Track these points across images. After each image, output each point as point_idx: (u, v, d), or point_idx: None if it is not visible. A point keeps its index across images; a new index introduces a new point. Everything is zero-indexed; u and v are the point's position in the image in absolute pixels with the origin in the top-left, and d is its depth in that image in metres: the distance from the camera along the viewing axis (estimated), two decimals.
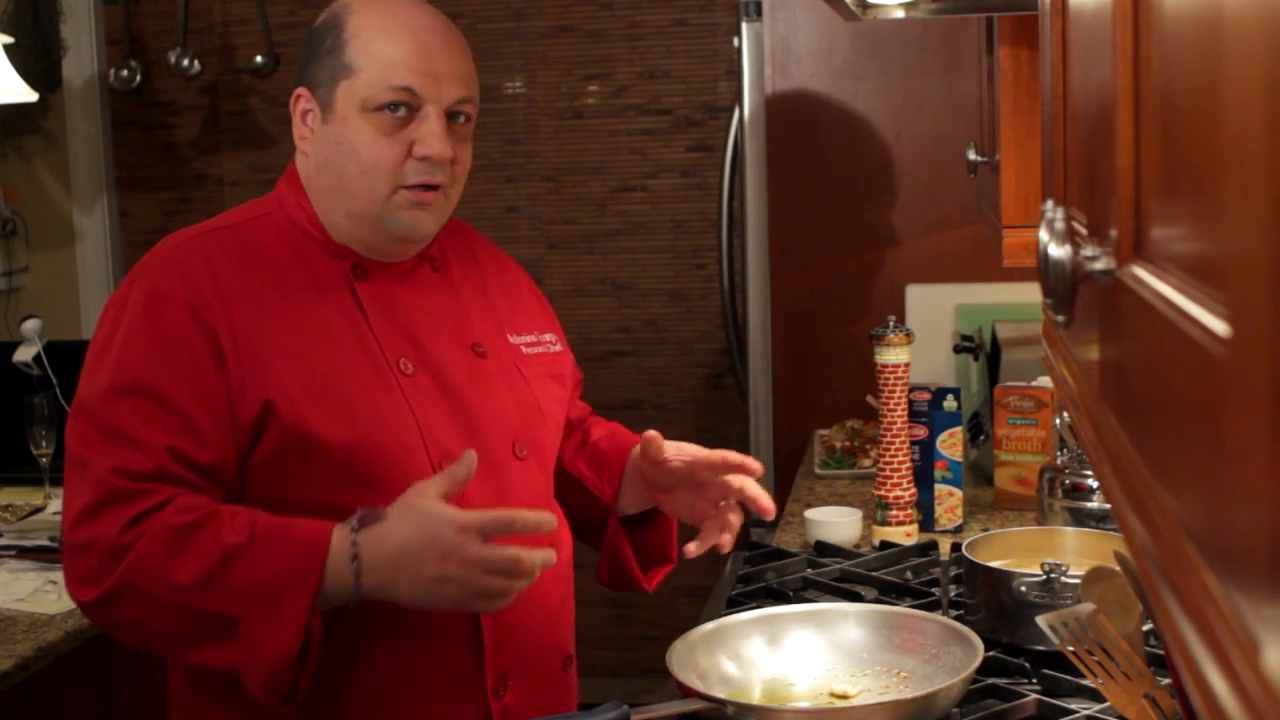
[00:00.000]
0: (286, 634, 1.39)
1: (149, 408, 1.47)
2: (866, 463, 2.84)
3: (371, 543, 1.41)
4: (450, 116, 1.57)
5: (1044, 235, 0.91)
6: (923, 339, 2.94)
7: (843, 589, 2.07)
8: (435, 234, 1.63)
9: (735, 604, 2.00)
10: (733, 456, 1.65)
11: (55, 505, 2.78)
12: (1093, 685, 1.38)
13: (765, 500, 1.65)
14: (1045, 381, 2.49)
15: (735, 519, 1.66)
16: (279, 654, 1.39)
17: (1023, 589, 1.77)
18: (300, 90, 1.59)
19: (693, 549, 1.62)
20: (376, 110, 1.53)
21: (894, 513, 2.34)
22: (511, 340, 1.70)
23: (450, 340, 1.62)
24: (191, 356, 1.49)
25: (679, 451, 1.67)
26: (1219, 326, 0.54)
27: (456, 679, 1.54)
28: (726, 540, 1.65)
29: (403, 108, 1.53)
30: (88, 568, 1.44)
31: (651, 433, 1.66)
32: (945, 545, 2.26)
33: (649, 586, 1.79)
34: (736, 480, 1.64)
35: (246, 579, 1.40)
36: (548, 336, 1.75)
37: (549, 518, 1.45)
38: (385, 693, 1.52)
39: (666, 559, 1.79)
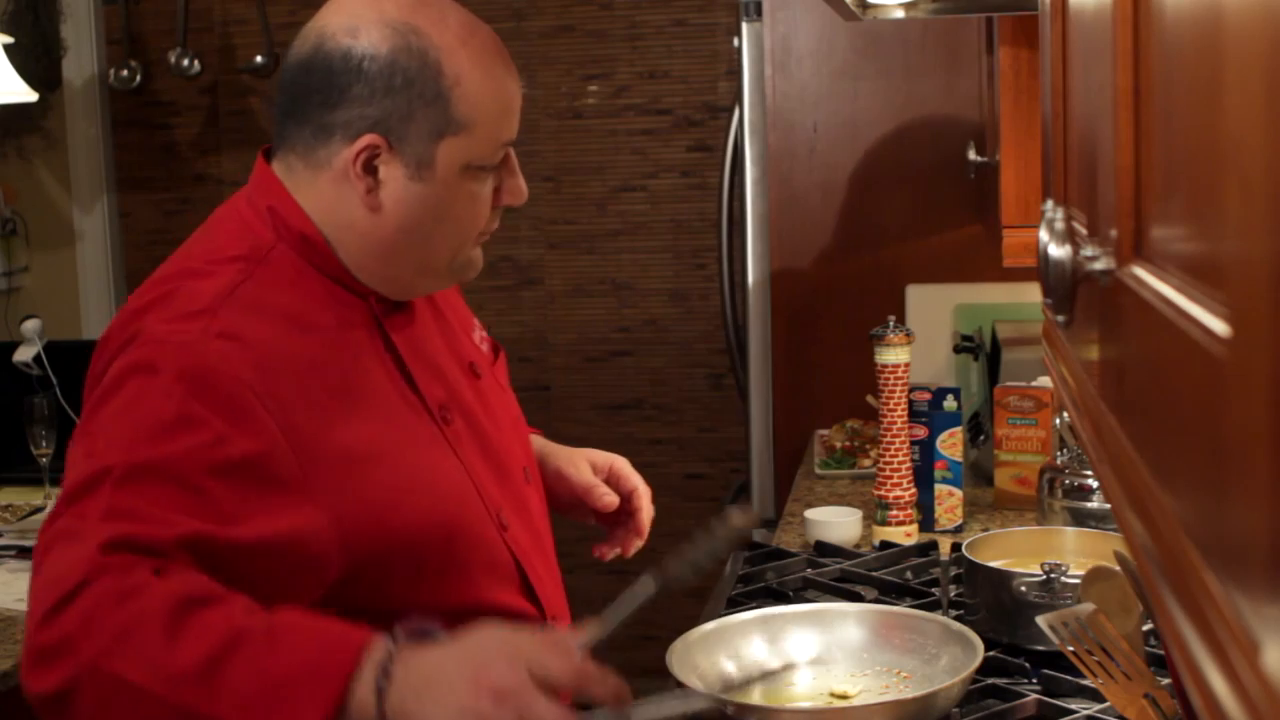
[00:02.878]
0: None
1: (169, 493, 1.20)
2: (866, 463, 2.84)
3: (410, 661, 1.14)
4: None
5: (1044, 235, 0.91)
6: (923, 339, 2.94)
7: (843, 589, 2.07)
8: None
9: (735, 604, 2.00)
10: (630, 497, 1.67)
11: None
12: (1093, 685, 1.38)
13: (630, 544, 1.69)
14: (1045, 381, 2.49)
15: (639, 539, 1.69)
16: None
17: (1023, 589, 1.77)
18: (372, 138, 1.32)
19: (606, 550, 1.67)
20: (479, 167, 1.36)
21: (894, 513, 2.34)
22: (475, 341, 1.59)
23: (455, 366, 1.49)
24: (254, 445, 1.25)
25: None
26: (1219, 326, 0.54)
27: None
28: (635, 545, 1.69)
29: (498, 165, 1.38)
30: (53, 642, 1.11)
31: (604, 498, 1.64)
32: (945, 545, 2.26)
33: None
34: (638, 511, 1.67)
35: (253, 674, 1.10)
36: (476, 323, 1.64)
37: (625, 696, 1.20)
38: None
39: None
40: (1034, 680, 1.70)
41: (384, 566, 1.31)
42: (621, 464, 1.68)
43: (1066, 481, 2.26)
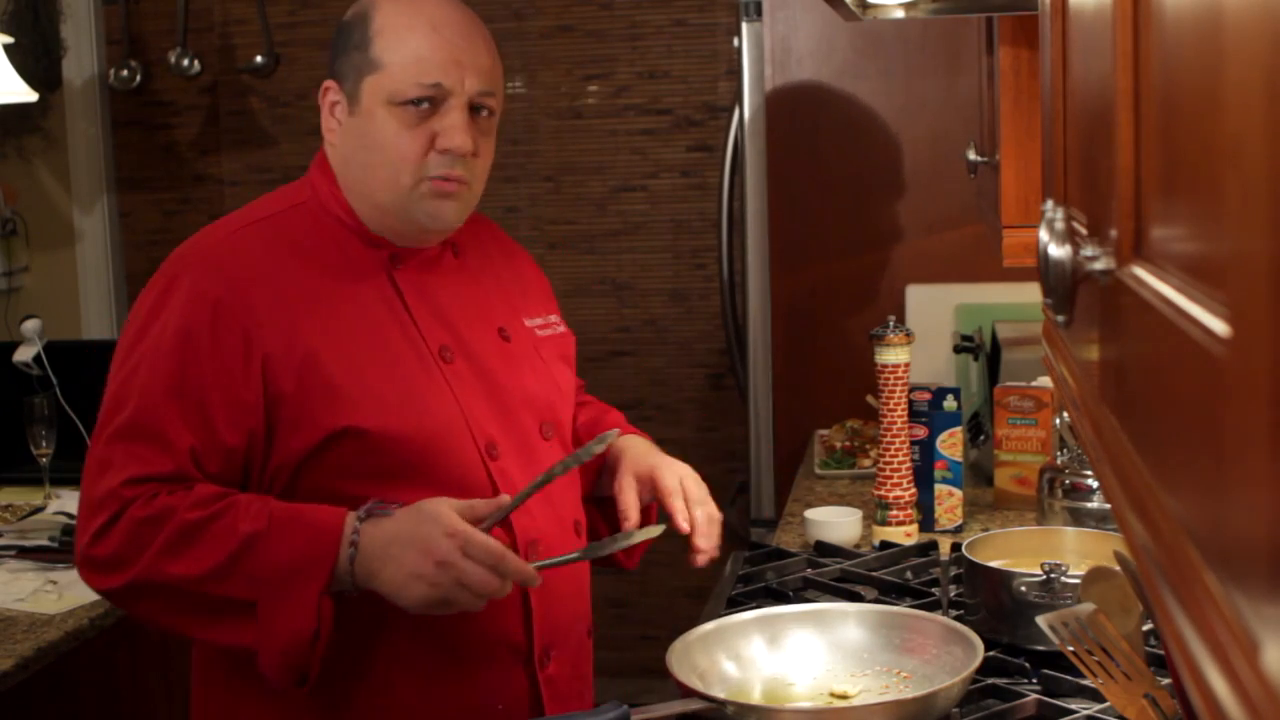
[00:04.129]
0: (301, 616, 1.45)
1: (181, 408, 1.51)
2: (866, 463, 2.84)
3: (371, 531, 1.47)
4: (473, 110, 1.60)
5: (1044, 235, 0.91)
6: (923, 339, 2.94)
7: (843, 589, 2.07)
8: (459, 223, 1.66)
9: (735, 604, 2.00)
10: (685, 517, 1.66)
11: (55, 505, 2.77)
12: (1093, 685, 1.38)
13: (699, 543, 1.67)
14: (1045, 381, 2.49)
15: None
16: (293, 635, 1.45)
17: (1023, 589, 1.77)
18: (329, 83, 1.63)
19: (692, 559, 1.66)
20: (401, 105, 1.57)
21: (894, 513, 2.34)
22: (526, 323, 1.75)
23: (479, 325, 1.68)
24: (230, 361, 1.52)
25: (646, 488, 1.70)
26: (1219, 326, 0.54)
27: (506, 650, 1.61)
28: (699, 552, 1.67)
29: (426, 102, 1.57)
30: (106, 557, 1.49)
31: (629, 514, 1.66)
32: (945, 545, 2.26)
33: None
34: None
35: (263, 565, 1.46)
36: (553, 318, 1.81)
37: (531, 576, 1.49)
38: (439, 665, 1.58)
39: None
40: (1034, 680, 1.70)
41: (354, 453, 1.53)
42: (661, 475, 1.68)
43: (1066, 481, 2.26)
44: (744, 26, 2.84)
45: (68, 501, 2.78)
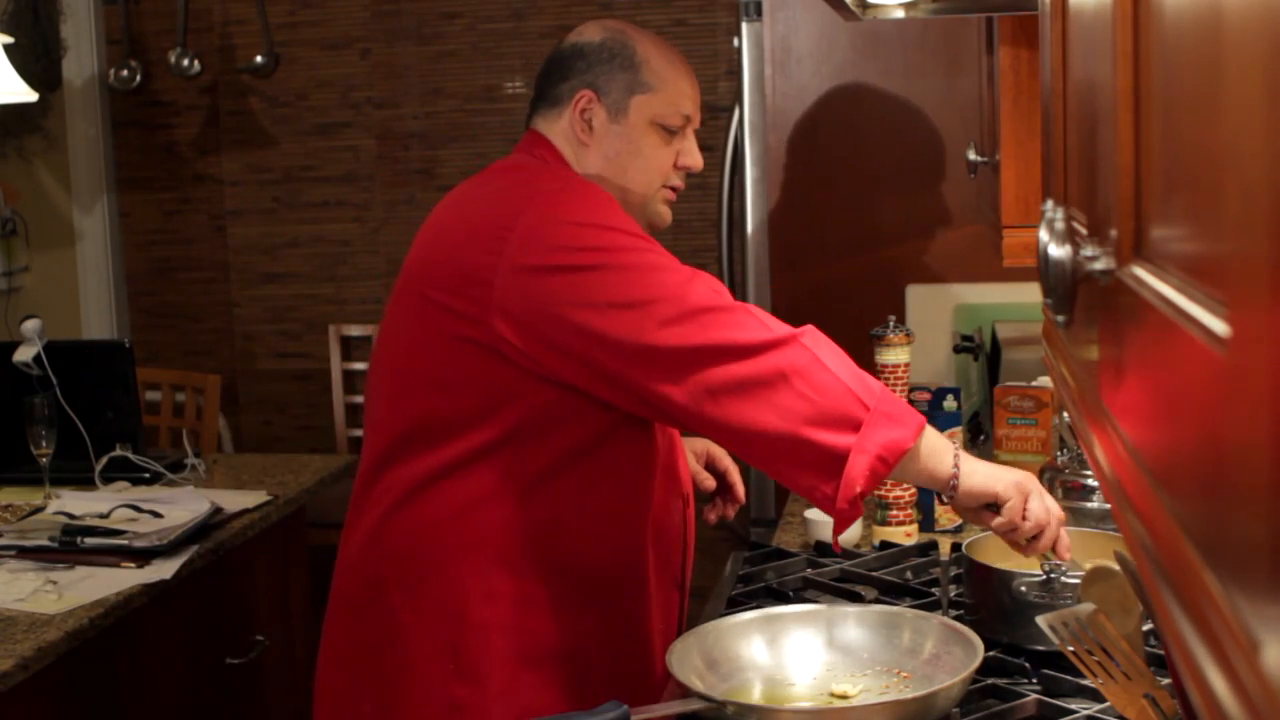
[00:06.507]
0: (907, 431, 1.63)
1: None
2: None
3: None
4: None
5: (1044, 235, 0.91)
6: (923, 339, 2.94)
7: (843, 589, 2.07)
8: None
9: (735, 604, 2.00)
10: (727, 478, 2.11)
11: (55, 505, 2.77)
12: (1093, 685, 1.38)
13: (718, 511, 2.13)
14: (1045, 381, 2.49)
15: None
16: (892, 445, 1.61)
17: (1023, 589, 1.77)
18: (586, 92, 1.87)
19: (712, 515, 2.10)
20: (661, 125, 1.89)
21: (894, 513, 2.34)
22: None
23: None
24: None
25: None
26: (1219, 326, 0.54)
27: (671, 578, 1.91)
28: (734, 510, 2.14)
29: (677, 128, 1.91)
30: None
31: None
32: (945, 545, 2.26)
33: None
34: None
35: (877, 387, 1.67)
36: None
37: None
38: (626, 590, 1.82)
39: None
40: (1034, 680, 1.70)
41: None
42: (716, 450, 2.12)
43: (1066, 481, 2.26)
44: (744, 26, 2.84)
45: (68, 501, 2.78)
